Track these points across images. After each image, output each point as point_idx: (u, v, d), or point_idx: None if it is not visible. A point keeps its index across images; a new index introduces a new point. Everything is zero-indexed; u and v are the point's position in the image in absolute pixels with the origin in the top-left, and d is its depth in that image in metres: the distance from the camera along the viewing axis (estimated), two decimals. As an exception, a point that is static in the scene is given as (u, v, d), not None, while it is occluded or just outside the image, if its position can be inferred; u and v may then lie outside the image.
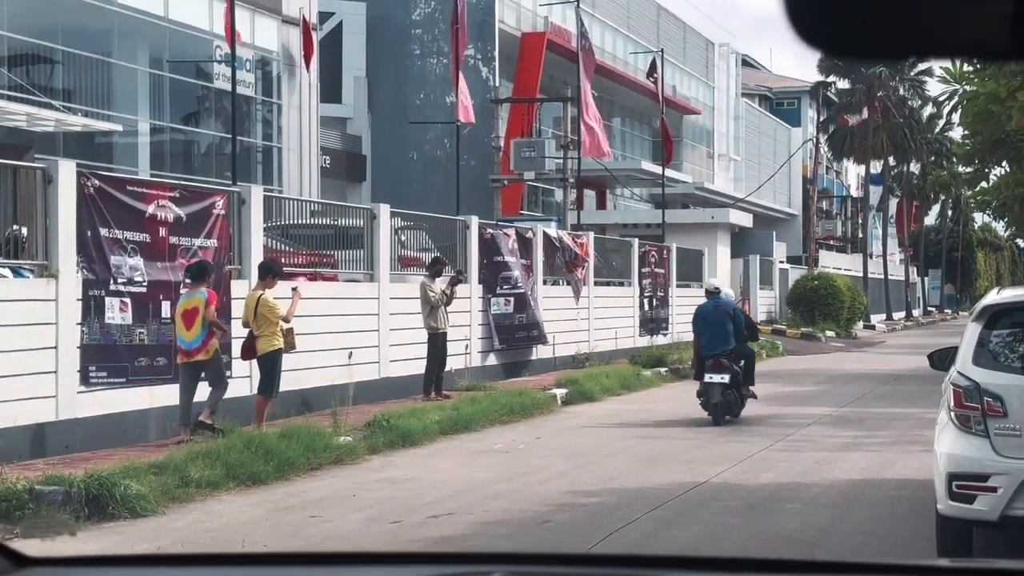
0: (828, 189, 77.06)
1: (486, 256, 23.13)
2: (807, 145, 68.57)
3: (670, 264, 33.13)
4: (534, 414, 18.18)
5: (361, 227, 19.94)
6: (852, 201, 76.71)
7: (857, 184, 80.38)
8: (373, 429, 14.71)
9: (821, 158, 58.80)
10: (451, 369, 21.39)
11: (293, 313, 15.20)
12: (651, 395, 21.74)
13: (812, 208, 52.66)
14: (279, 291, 15.72)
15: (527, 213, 43.84)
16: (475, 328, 22.69)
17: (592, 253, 27.88)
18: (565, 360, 26.13)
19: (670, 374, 25.00)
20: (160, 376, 15.04)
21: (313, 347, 17.92)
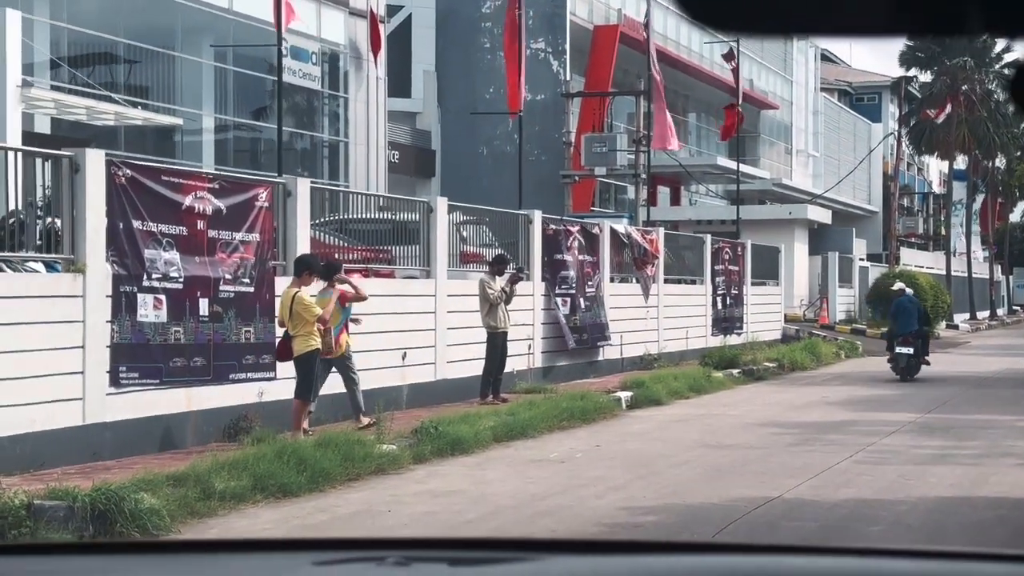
0: (909, 185, 75.08)
1: (549, 252, 22.05)
2: (888, 141, 66.77)
3: (745, 261, 31.85)
4: (596, 419, 17.08)
5: (419, 222, 18.96)
6: (934, 198, 74.67)
7: (939, 180, 78.26)
8: (420, 436, 13.69)
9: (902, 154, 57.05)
10: (512, 370, 20.35)
11: (331, 313, 14.21)
12: (722, 398, 20.55)
13: (893, 205, 50.98)
14: (312, 288, 14.75)
15: (598, 210, 42.68)
16: (538, 328, 21.62)
17: (662, 250, 26.71)
18: (633, 361, 24.98)
19: (743, 376, 23.78)
20: (198, 377, 14.13)
21: (365, 347, 16.95)
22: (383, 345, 17.36)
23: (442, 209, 19.03)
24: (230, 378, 14.64)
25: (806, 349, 28.08)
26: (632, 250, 25.47)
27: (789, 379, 24.70)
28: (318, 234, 17.75)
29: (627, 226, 26.38)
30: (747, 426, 16.57)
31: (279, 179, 16.35)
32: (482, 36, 43.61)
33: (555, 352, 22.17)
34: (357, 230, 19.00)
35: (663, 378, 20.65)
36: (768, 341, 31.93)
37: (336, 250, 17.89)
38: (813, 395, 21.11)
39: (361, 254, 18.41)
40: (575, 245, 22.93)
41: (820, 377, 25.31)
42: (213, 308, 14.39)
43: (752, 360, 24.94)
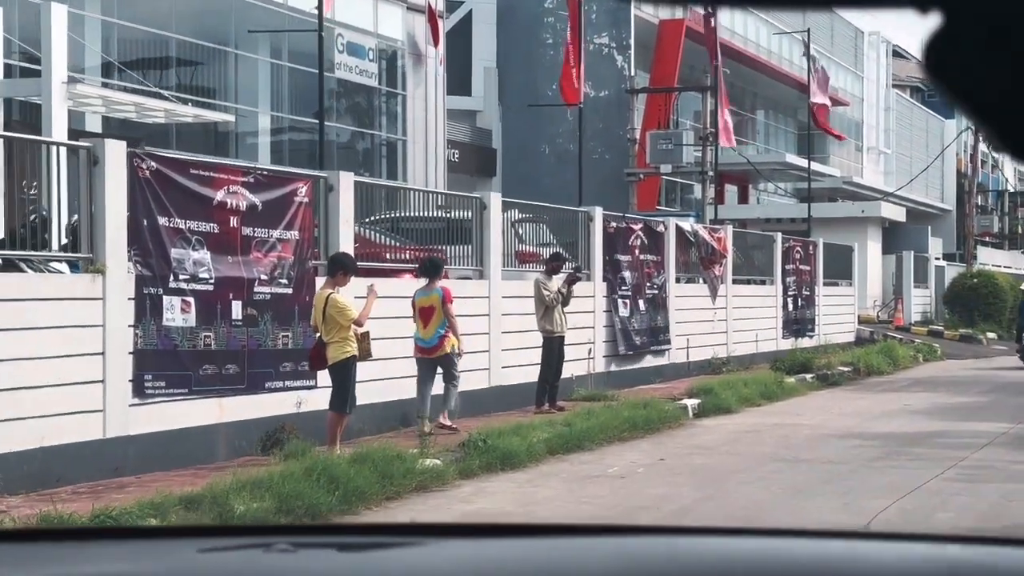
0: (983, 183, 73.04)
1: (610, 252, 20.86)
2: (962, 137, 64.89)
3: (816, 261, 30.44)
4: (660, 429, 15.87)
5: (472, 220, 17.84)
6: (1010, 195, 72.55)
7: (1015, 177, 76.07)
8: (467, 450, 12.56)
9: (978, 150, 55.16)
10: (571, 376, 19.18)
11: (367, 316, 13.11)
12: (795, 406, 19.25)
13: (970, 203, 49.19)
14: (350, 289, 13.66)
15: (664, 209, 41.39)
16: (599, 331, 20.44)
17: (731, 249, 25.42)
18: (700, 365, 23.72)
19: (817, 381, 22.43)
20: (230, 386, 13.09)
21: (411, 352, 15.87)
22: (433, 350, 16.26)
23: (496, 205, 17.91)
24: (266, 387, 13.60)
25: (882, 352, 26.66)
26: (699, 249, 24.21)
27: (865, 385, 23.33)
28: (369, 232, 16.73)
29: (694, 224, 25.12)
30: (824, 438, 15.28)
31: (320, 173, 15.29)
32: (544, 31, 42.47)
33: (617, 356, 20.98)
34: (410, 229, 17.93)
35: (732, 384, 19.39)
36: (841, 344, 30.53)
37: (386, 249, 16.86)
38: (893, 402, 19.75)
39: (412, 254, 17.32)
40: (637, 244, 21.71)
41: (898, 382, 23.90)
42: (247, 311, 13.35)
43: (826, 364, 23.61)
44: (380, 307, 15.29)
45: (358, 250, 16.00)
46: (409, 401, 15.69)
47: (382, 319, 15.22)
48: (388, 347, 15.39)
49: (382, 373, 15.22)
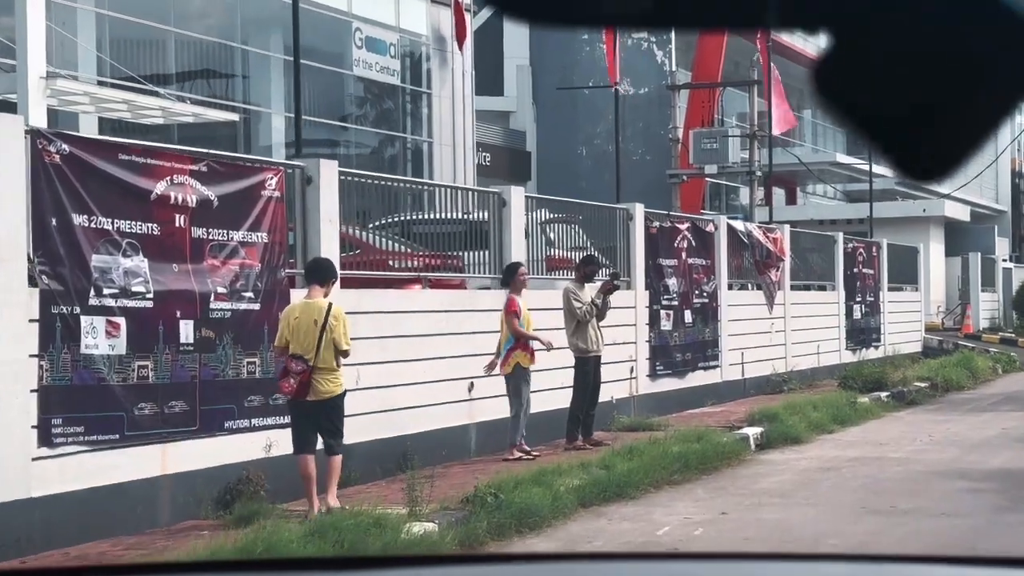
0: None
1: (654, 255, 17.85)
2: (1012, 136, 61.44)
3: (880, 264, 27.25)
4: (718, 467, 12.82)
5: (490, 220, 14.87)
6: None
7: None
8: (474, 507, 9.58)
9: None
10: (611, 399, 16.19)
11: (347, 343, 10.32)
12: (874, 432, 16.12)
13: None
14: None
15: (709, 212, 38.32)
16: (641, 347, 17.41)
17: (788, 251, 22.33)
18: (757, 382, 20.64)
19: (893, 400, 19.26)
20: (177, 429, 10.19)
21: (418, 378, 12.95)
22: (443, 374, 13.32)
23: (517, 202, 14.93)
24: (225, 427, 10.68)
25: (959, 364, 23.43)
26: (753, 252, 21.14)
27: (947, 403, 20.15)
28: (374, 238, 13.84)
29: (747, 224, 22.03)
30: (922, 477, 12.18)
31: (295, 162, 12.38)
32: (579, 27, 39.47)
33: (664, 376, 17.94)
34: (425, 234, 15.00)
35: (798, 406, 16.30)
36: (909, 355, 27.32)
37: (397, 256, 13.95)
38: (987, 426, 16.59)
39: (423, 260, 14.38)
40: (684, 246, 18.69)
41: (984, 400, 20.70)
42: (201, 333, 10.44)
43: (901, 380, 20.46)
44: (377, 325, 12.39)
45: (358, 258, 13.19)
46: (415, 437, 12.78)
47: (377, 339, 12.31)
48: (387, 373, 12.49)
49: (381, 404, 12.32)
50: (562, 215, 17.39)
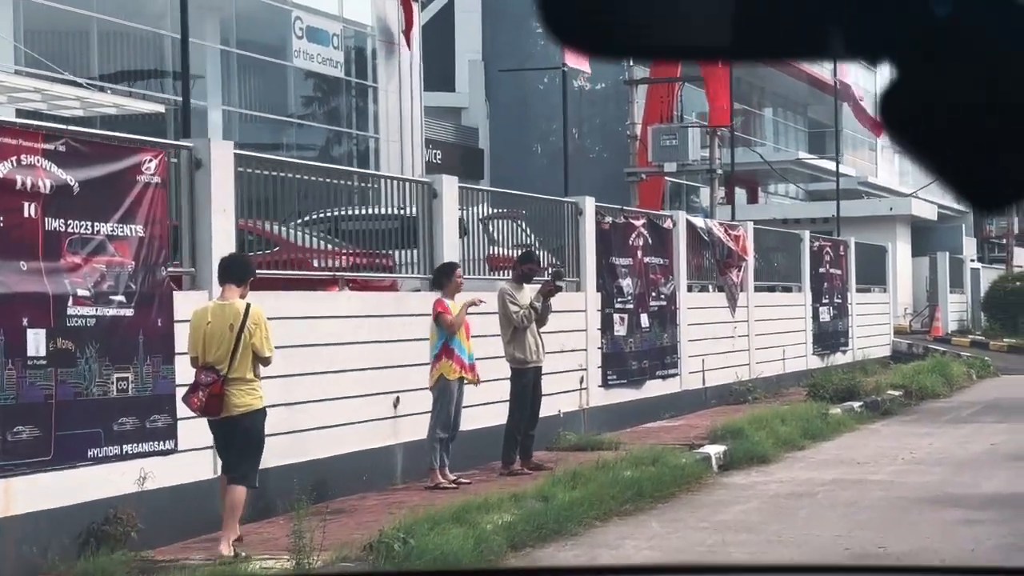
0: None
1: (606, 254, 16.12)
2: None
3: (848, 263, 25.62)
4: (675, 493, 11.08)
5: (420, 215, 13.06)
6: None
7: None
8: (378, 554, 7.80)
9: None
10: (559, 413, 14.47)
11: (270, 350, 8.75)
12: (850, 448, 14.41)
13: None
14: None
15: (669, 212, 36.69)
16: (592, 354, 15.67)
17: (752, 250, 20.65)
18: (719, 391, 18.95)
19: (867, 411, 17.57)
20: (25, 460, 8.37)
21: (333, 393, 11.18)
22: (365, 388, 11.55)
23: (450, 194, 13.16)
24: (89, 456, 8.86)
25: (934, 370, 21.79)
26: (714, 251, 19.45)
27: (925, 412, 18.50)
28: (300, 236, 12.09)
29: (708, 220, 20.33)
30: (910, 506, 10.47)
31: (181, 143, 10.58)
32: (533, 18, 37.73)
33: (618, 386, 16.21)
34: (358, 230, 13.23)
35: (765, 419, 14.59)
36: (878, 359, 25.72)
37: (317, 255, 12.17)
38: (972, 440, 14.93)
39: (350, 260, 12.59)
40: (640, 244, 16.97)
41: (962, 408, 19.06)
42: (56, 343, 8.63)
43: (874, 388, 18.80)
44: (284, 332, 10.60)
45: (273, 256, 11.48)
46: (331, 461, 11.03)
47: (283, 348, 10.52)
48: (295, 387, 10.72)
49: (287, 424, 10.53)
50: (505, 210, 15.65)
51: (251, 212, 11.22)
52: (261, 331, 8.71)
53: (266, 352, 8.77)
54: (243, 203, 10.62)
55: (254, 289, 9.50)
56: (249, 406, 8.73)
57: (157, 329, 9.36)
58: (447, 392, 10.54)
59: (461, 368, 10.57)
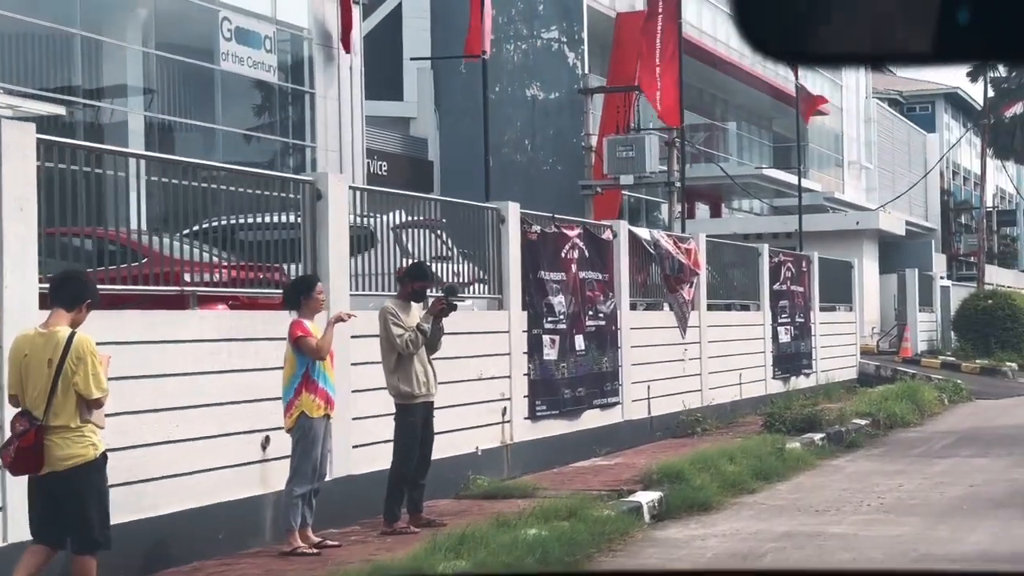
0: (967, 201, 67.00)
1: (534, 267, 14.09)
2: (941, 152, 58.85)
3: (811, 280, 23.66)
4: (592, 555, 9.03)
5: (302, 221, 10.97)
6: (999, 213, 66.42)
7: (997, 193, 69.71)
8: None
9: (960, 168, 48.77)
10: (476, 450, 12.47)
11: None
12: (808, 491, 12.38)
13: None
14: None
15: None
16: (517, 382, 13.60)
17: (704, 265, 18.66)
18: (667, 421, 16.92)
19: (829, 444, 15.55)
20: None
21: (187, 433, 9.11)
22: (225, 427, 9.47)
23: (338, 195, 11.07)
24: None
25: (903, 396, 19.80)
26: (662, 265, 17.45)
27: (894, 445, 16.47)
28: (174, 247, 10.06)
29: (654, 232, 18.32)
30: (882, 561, 8.47)
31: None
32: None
33: (548, 417, 14.16)
34: (257, 241, 11.20)
35: (710, 458, 12.54)
36: (843, 382, 23.77)
37: (196, 268, 10.10)
38: (949, 480, 12.91)
39: (235, 274, 10.53)
40: (575, 257, 14.95)
41: (936, 440, 17.06)
42: None
43: (838, 418, 16.79)
44: (132, 361, 8.56)
45: (136, 271, 9.52)
46: (178, 517, 8.95)
47: (133, 379, 8.50)
48: (134, 428, 8.66)
49: (125, 473, 8.46)
50: (422, 218, 13.60)
51: (64, 214, 9.20)
52: (87, 367, 6.71)
53: (93, 392, 6.76)
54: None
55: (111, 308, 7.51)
56: (79, 457, 6.75)
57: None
58: (310, 434, 8.46)
59: (327, 403, 8.49)
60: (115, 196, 9.99)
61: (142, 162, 10.43)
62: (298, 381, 8.48)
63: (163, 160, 10.74)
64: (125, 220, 10.27)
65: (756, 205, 44.71)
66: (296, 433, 8.49)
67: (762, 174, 39.82)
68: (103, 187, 10.41)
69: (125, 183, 10.41)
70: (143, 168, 10.23)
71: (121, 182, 10.25)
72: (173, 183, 10.35)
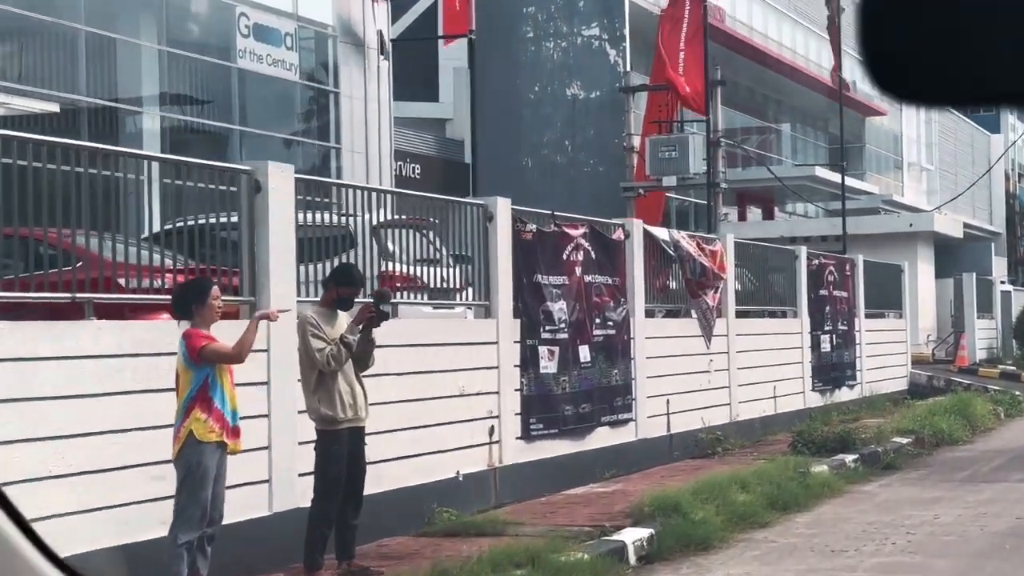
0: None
1: (529, 271, 12.54)
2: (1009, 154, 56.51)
3: (855, 284, 21.85)
4: (553, 612, 7.48)
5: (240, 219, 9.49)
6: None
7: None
8: None
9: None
10: (457, 475, 10.96)
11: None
12: (828, 524, 10.69)
13: None
14: None
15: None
16: (508, 398, 12.04)
17: (731, 268, 16.98)
18: (687, 440, 15.29)
19: (863, 466, 13.82)
20: None
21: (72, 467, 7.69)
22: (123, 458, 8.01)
23: (280, 187, 9.57)
24: None
25: (953, 410, 17.96)
26: (684, 268, 15.82)
27: (937, 467, 14.67)
28: (132, 251, 8.75)
29: (674, 232, 16.66)
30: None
31: None
32: (523, 23, 34.34)
33: (545, 437, 12.60)
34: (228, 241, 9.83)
35: (719, 485, 10.90)
36: (892, 395, 21.94)
37: (141, 273, 8.72)
38: (994, 511, 11.15)
39: (177, 278, 9.09)
40: (580, 259, 13.37)
41: (984, 460, 15.23)
42: None
43: (875, 436, 15.03)
44: (42, 379, 7.14)
45: (67, 276, 8.17)
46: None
47: (30, 401, 7.08)
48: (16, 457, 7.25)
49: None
50: (409, 216, 12.11)
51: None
52: None
53: None
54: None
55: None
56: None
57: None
58: (200, 463, 6.94)
59: (222, 428, 6.98)
60: (21, 189, 8.57)
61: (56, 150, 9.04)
62: (191, 400, 6.98)
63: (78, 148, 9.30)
64: (59, 219, 8.90)
65: (811, 209, 42.85)
66: (181, 464, 6.98)
67: (815, 176, 37.94)
68: (24, 180, 9.04)
69: (43, 174, 9.05)
70: (58, 157, 8.85)
71: (43, 174, 8.87)
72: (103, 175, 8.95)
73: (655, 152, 30.01)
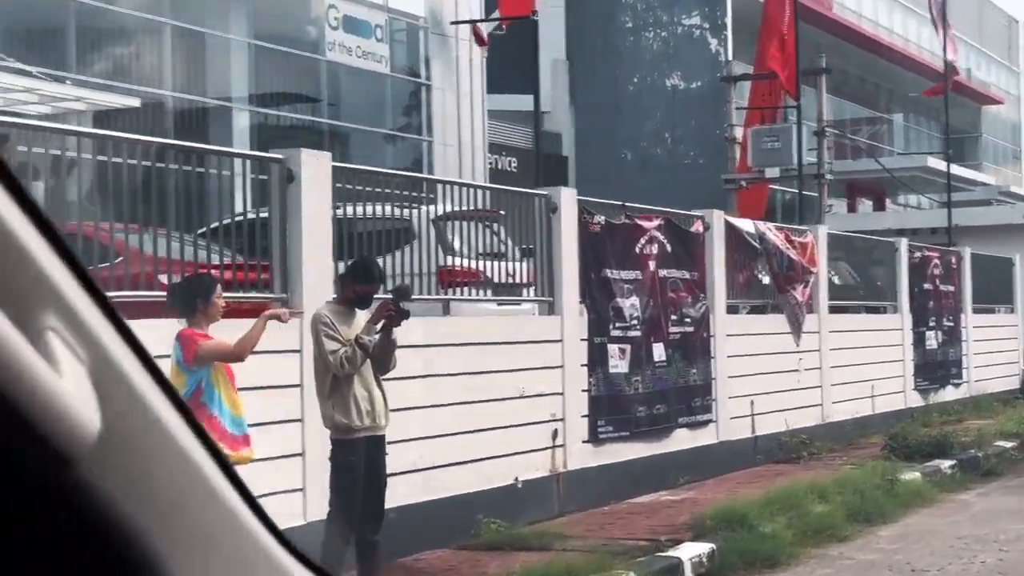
0: None
1: (597, 265, 11.78)
2: None
3: (962, 278, 20.66)
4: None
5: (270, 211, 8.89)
6: None
7: None
8: None
9: None
10: (516, 482, 10.27)
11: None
12: (914, 538, 9.76)
13: None
14: None
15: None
16: (574, 399, 11.31)
17: (823, 262, 16.00)
18: (770, 443, 14.39)
19: (960, 472, 12.81)
20: None
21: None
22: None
23: (314, 176, 8.94)
24: None
25: (1064, 411, 16.82)
26: (770, 261, 14.91)
27: (1043, 473, 13.63)
28: (178, 248, 8.27)
29: (759, 224, 15.74)
30: None
31: None
32: (622, 13, 33.52)
33: (615, 440, 11.84)
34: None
35: (795, 494, 10.04)
36: (1000, 394, 20.72)
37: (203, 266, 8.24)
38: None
39: (222, 275, 8.55)
40: (653, 252, 12.57)
41: (1097, 467, 14.11)
42: None
43: (975, 440, 13.97)
44: None
45: (109, 271, 7.73)
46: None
47: None
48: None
49: None
50: (474, 208, 11.43)
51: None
52: None
53: None
54: None
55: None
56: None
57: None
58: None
59: (219, 437, 6.36)
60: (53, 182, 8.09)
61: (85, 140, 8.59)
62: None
63: (103, 137, 8.79)
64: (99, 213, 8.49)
65: (924, 201, 41.30)
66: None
67: (927, 167, 36.49)
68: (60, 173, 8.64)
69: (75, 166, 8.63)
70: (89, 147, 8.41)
71: (66, 165, 8.44)
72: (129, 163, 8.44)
73: (757, 143, 28.94)
